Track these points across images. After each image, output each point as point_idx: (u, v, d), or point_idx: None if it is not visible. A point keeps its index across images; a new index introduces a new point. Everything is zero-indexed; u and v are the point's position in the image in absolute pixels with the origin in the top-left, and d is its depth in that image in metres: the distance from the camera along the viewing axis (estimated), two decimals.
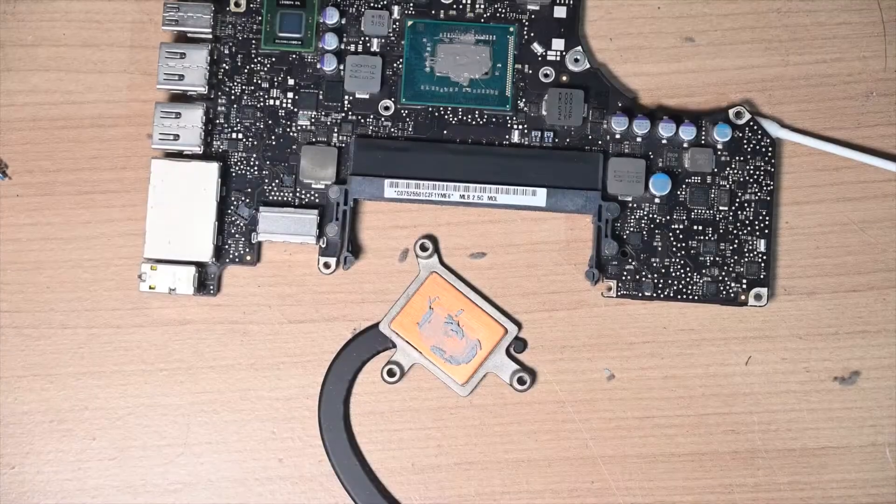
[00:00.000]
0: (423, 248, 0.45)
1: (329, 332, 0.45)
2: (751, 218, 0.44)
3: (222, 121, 0.45)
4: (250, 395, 0.45)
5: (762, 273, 0.44)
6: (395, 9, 0.45)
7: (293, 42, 0.45)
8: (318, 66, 0.45)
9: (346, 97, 0.45)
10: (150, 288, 0.43)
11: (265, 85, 0.45)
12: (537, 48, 0.45)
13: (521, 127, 0.45)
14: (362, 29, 0.45)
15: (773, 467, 0.44)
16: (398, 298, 0.45)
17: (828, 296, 0.45)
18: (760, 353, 0.45)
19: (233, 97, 0.45)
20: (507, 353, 0.44)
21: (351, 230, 0.45)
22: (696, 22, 0.46)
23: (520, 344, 0.45)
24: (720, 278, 0.44)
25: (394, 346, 0.44)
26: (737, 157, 0.45)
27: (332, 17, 0.45)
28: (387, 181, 0.44)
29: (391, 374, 0.44)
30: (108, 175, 0.45)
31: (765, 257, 0.44)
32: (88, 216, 0.45)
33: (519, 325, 0.45)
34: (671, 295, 0.44)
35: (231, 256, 0.45)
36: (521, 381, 0.44)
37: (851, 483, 0.44)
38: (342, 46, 0.45)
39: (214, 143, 0.45)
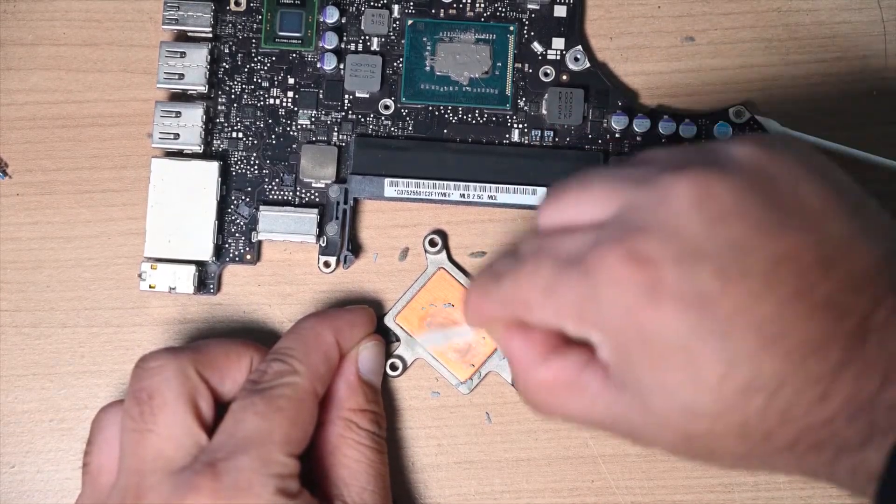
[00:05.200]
0: (433, 244, 0.45)
1: None
2: None
3: (222, 120, 0.45)
4: None
5: None
6: (395, 7, 0.45)
7: (293, 41, 0.45)
8: (318, 65, 0.45)
9: (346, 96, 0.45)
10: (151, 287, 0.43)
11: (265, 84, 0.45)
12: (537, 47, 0.45)
13: (521, 126, 0.45)
14: (362, 28, 0.45)
15: None
16: (404, 293, 0.45)
17: None
18: None
19: (233, 96, 0.45)
20: None
21: (351, 229, 0.45)
22: (696, 21, 0.46)
23: None
24: None
25: (397, 339, 0.44)
26: None
27: (332, 15, 0.45)
28: (387, 180, 0.44)
29: (394, 367, 0.44)
30: (109, 174, 0.45)
31: None
32: (88, 215, 0.45)
33: None
34: None
35: (231, 255, 0.45)
36: None
37: None
38: (342, 45, 0.45)
39: (214, 142, 0.45)
